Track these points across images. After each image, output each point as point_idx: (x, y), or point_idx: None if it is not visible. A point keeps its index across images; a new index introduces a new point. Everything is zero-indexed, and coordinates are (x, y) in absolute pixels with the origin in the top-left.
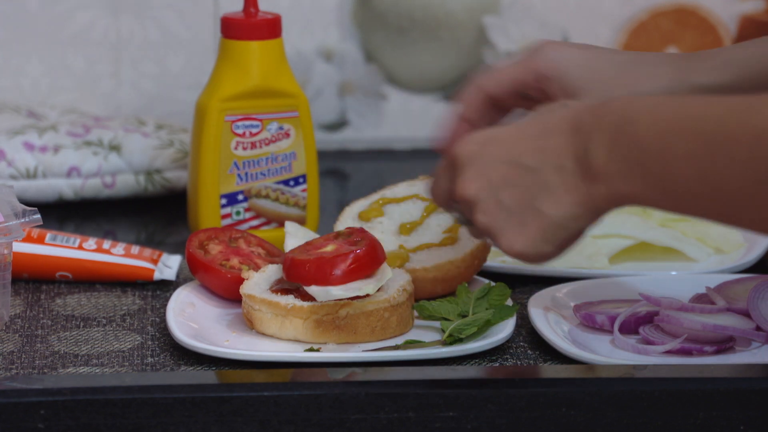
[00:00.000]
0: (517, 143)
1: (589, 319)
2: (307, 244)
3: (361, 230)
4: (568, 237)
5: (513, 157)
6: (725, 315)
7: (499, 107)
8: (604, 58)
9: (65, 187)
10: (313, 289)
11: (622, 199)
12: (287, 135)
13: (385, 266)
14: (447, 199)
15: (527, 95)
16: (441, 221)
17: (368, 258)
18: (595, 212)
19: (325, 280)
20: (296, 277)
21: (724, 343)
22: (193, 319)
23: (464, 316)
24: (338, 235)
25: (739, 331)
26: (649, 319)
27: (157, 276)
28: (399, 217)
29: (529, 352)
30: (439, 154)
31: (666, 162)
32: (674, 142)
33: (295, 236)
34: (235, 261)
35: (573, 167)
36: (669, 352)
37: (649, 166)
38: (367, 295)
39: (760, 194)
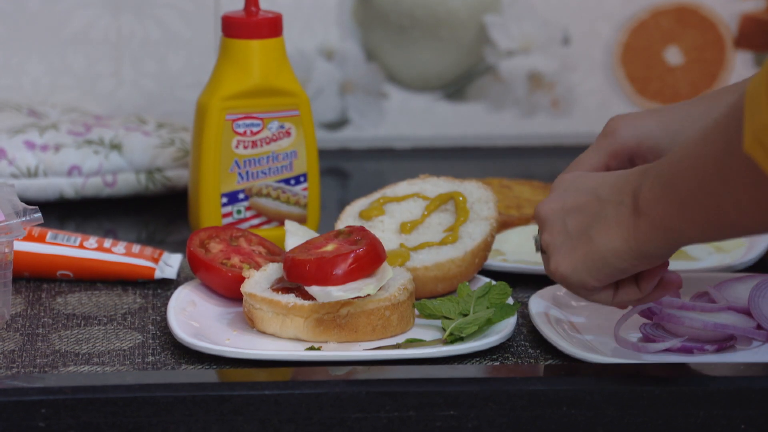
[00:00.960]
0: (602, 178)
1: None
2: (308, 243)
3: (362, 229)
4: (610, 273)
5: (592, 187)
6: (726, 313)
7: None
8: (680, 117)
9: (66, 186)
10: (313, 290)
11: (662, 233)
12: (288, 134)
13: (385, 265)
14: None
15: None
16: (442, 220)
17: (369, 257)
18: (637, 251)
19: (326, 280)
20: (297, 277)
21: (725, 342)
22: (194, 317)
23: (465, 315)
24: (339, 234)
25: (740, 330)
26: (650, 317)
27: (158, 275)
28: (400, 216)
29: (530, 350)
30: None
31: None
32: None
33: (295, 235)
34: (236, 260)
35: (629, 202)
36: (669, 350)
37: (681, 194)
38: (368, 295)
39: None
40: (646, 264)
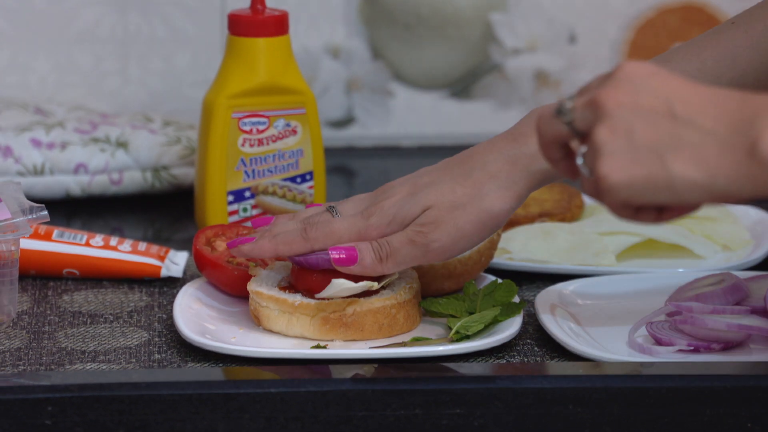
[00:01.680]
0: (682, 86)
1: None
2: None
3: None
4: (667, 200)
5: (667, 97)
6: (748, 315)
7: None
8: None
9: (72, 184)
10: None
11: None
12: (294, 132)
13: None
14: (583, 95)
15: None
16: None
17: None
18: (722, 191)
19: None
20: (304, 288)
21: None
22: (200, 315)
23: (471, 313)
24: None
25: (764, 331)
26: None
27: (164, 273)
28: None
29: (536, 349)
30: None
31: None
32: None
33: None
34: (241, 258)
35: (736, 140)
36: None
37: None
38: (374, 292)
39: None
40: (715, 202)
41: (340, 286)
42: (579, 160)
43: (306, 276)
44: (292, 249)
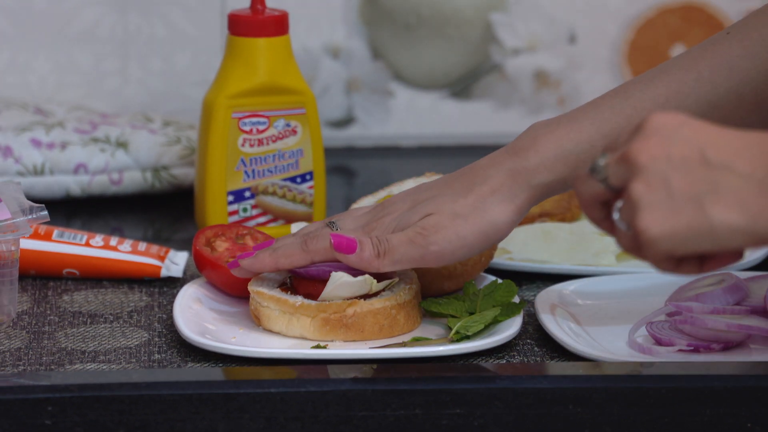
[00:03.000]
0: (713, 133)
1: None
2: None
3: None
4: (711, 247)
5: (699, 146)
6: (749, 315)
7: None
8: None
9: (72, 184)
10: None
11: None
12: (294, 132)
13: None
14: (614, 151)
15: None
16: None
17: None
18: (762, 234)
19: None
20: (304, 293)
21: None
22: (200, 315)
23: (471, 314)
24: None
25: (764, 331)
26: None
27: (164, 273)
28: None
29: (536, 349)
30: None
31: None
32: None
33: None
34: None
35: (765, 177)
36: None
37: None
38: (374, 293)
39: None
40: (758, 246)
41: (339, 278)
42: (615, 215)
43: (306, 284)
44: (292, 261)
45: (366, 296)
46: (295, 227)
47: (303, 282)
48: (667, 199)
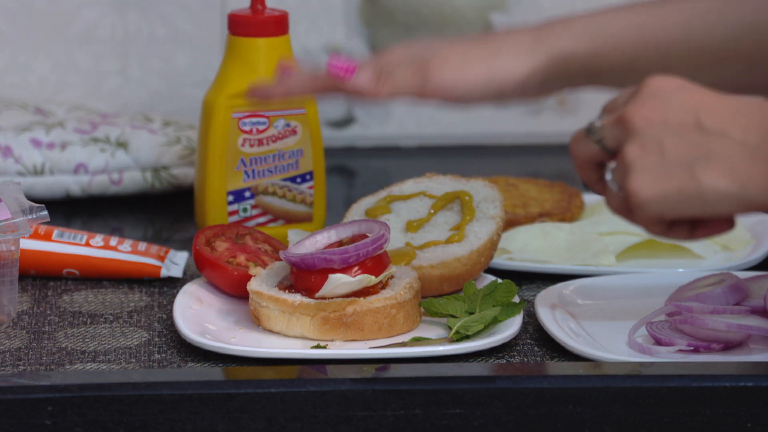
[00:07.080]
0: (709, 98)
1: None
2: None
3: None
4: (701, 212)
5: (694, 110)
6: (748, 315)
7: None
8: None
9: (72, 184)
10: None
11: None
12: (294, 132)
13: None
14: (612, 113)
15: None
16: (448, 218)
17: (372, 261)
18: (753, 200)
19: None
20: (303, 288)
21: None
22: (200, 315)
23: (471, 314)
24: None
25: (765, 331)
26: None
27: (164, 273)
28: (406, 215)
29: (536, 349)
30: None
31: None
32: None
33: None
34: (241, 258)
35: (757, 145)
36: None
37: None
38: (374, 292)
39: None
40: (747, 211)
41: (337, 280)
42: (607, 176)
43: (305, 276)
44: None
45: (365, 294)
46: (293, 234)
47: (301, 275)
48: (660, 163)
